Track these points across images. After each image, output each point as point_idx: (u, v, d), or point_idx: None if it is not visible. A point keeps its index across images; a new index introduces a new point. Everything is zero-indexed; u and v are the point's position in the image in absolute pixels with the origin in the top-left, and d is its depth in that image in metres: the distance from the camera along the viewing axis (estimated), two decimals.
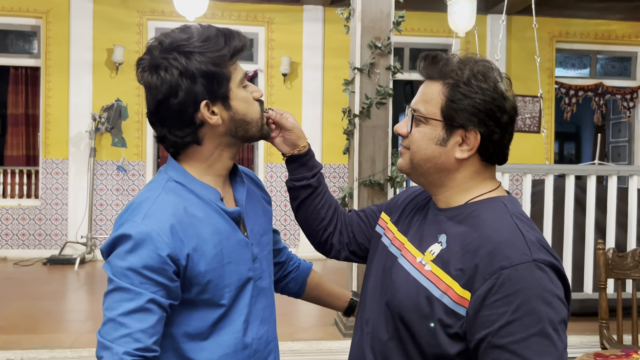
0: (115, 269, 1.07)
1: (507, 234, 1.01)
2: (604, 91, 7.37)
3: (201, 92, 1.13)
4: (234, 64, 1.18)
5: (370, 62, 3.44)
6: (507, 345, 0.94)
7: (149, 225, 1.07)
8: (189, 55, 1.12)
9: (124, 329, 1.04)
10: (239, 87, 1.18)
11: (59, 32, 6.38)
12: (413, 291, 1.06)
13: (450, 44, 5.85)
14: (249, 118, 1.20)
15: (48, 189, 6.43)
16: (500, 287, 0.95)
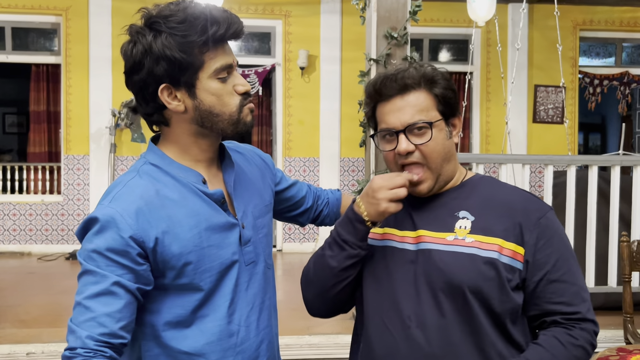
0: (83, 252, 1.07)
1: (522, 194, 1.26)
2: (629, 80, 7.19)
3: (162, 74, 1.10)
4: (212, 52, 1.11)
5: (387, 53, 3.38)
6: (561, 277, 1.18)
7: (114, 207, 1.07)
8: (157, 35, 1.08)
9: (89, 313, 1.03)
10: (211, 77, 1.12)
11: (78, 29, 6.44)
12: (468, 264, 1.15)
13: (470, 34, 5.75)
14: (218, 111, 1.14)
15: (70, 185, 6.51)
16: (542, 233, 1.18)
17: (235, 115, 1.15)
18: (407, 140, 1.18)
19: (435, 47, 7.17)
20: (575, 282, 1.19)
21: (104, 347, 1.02)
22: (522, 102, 6.84)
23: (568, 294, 1.18)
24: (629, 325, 2.64)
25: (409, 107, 1.18)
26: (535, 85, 6.88)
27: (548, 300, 1.17)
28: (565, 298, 1.17)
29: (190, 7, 1.11)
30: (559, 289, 1.17)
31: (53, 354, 3.15)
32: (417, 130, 1.18)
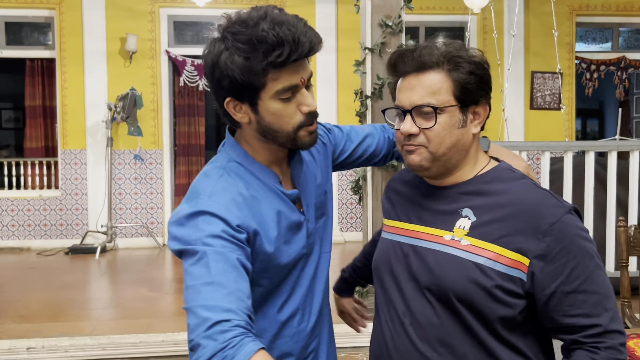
0: (195, 240, 1.03)
1: (536, 194, 1.11)
2: (626, 65, 7.16)
3: (226, 89, 1.10)
4: (274, 74, 1.07)
5: (382, 42, 3.37)
6: (578, 287, 1.05)
7: (217, 201, 1.08)
8: (224, 50, 1.07)
9: (224, 289, 0.97)
10: (273, 98, 1.09)
11: (72, 23, 6.40)
12: (459, 267, 1.08)
13: (466, 21, 5.72)
14: (277, 128, 1.12)
15: (67, 180, 6.50)
16: (556, 241, 1.04)
17: (292, 134, 1.13)
18: (412, 121, 1.11)
19: (431, 35, 7.13)
20: (597, 291, 1.05)
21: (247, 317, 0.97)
22: (519, 89, 6.82)
23: (587, 305, 1.05)
24: (627, 310, 2.65)
25: (420, 87, 1.10)
26: (532, 71, 6.85)
27: (564, 314, 1.06)
28: (583, 310, 1.05)
29: (261, 24, 1.05)
30: (576, 301, 1.05)
31: (53, 348, 3.16)
32: (424, 115, 1.10)
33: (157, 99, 6.54)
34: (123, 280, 5.12)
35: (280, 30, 1.04)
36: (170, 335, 3.25)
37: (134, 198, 6.58)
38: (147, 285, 4.69)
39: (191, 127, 6.81)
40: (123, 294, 4.53)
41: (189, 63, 6.49)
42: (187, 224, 1.06)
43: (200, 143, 6.88)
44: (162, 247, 6.47)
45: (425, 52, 1.11)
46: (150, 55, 6.50)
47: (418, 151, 1.12)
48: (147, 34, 6.47)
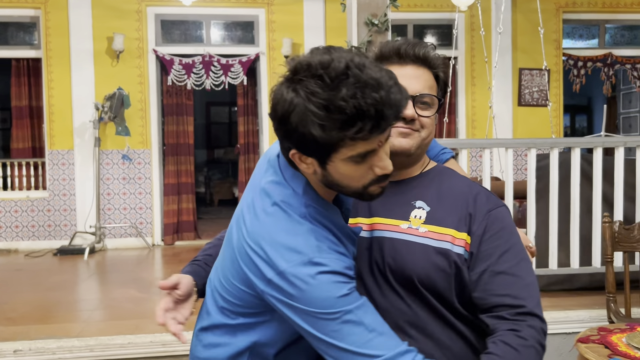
0: (330, 305, 1.01)
1: (477, 187, 1.25)
2: (613, 61, 7.21)
3: (294, 141, 1.01)
4: (367, 139, 0.98)
5: (368, 40, 3.36)
6: (507, 269, 1.15)
7: (328, 257, 1.04)
8: (295, 106, 0.96)
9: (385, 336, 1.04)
10: (346, 162, 1.01)
11: (58, 22, 6.35)
12: (420, 254, 1.15)
13: (454, 18, 5.73)
14: (345, 184, 1.06)
15: (55, 180, 6.46)
16: (491, 225, 1.17)
17: (360, 190, 1.07)
18: (413, 108, 1.21)
19: (420, 33, 7.15)
20: (524, 277, 1.15)
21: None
22: (507, 86, 6.85)
23: (515, 287, 1.13)
24: (612, 305, 2.67)
25: (422, 79, 1.22)
26: (519, 68, 6.89)
27: (493, 293, 1.13)
28: (511, 291, 1.13)
29: (340, 88, 0.93)
30: (505, 282, 1.14)
31: (40, 350, 3.13)
32: (422, 104, 1.22)
33: (144, 99, 6.51)
34: (112, 281, 5.10)
35: (362, 99, 0.93)
36: (158, 336, 3.23)
37: (122, 198, 6.54)
38: (135, 285, 4.67)
39: (179, 127, 6.78)
40: (112, 295, 4.51)
41: (176, 62, 6.47)
42: (309, 288, 1.01)
43: (189, 142, 6.85)
44: (152, 248, 6.44)
45: (427, 50, 1.23)
46: (137, 54, 6.46)
47: (412, 135, 1.21)
48: (134, 33, 6.44)
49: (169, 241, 6.63)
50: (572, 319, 3.21)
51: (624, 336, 1.99)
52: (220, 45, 6.78)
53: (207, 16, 6.72)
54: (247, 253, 1.08)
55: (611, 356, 1.83)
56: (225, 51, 6.69)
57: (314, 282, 1.01)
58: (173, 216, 6.70)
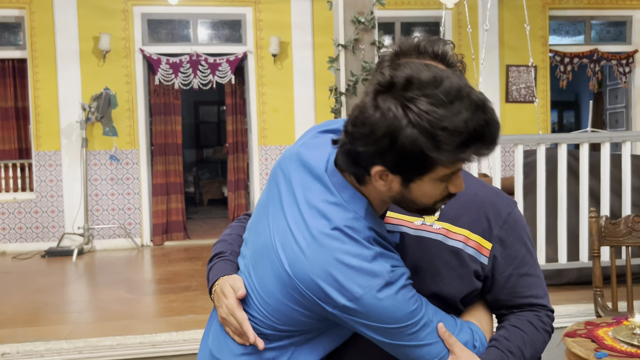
0: (406, 316, 1.04)
1: (491, 189, 1.26)
2: (599, 57, 7.27)
3: (388, 160, 0.97)
4: (455, 163, 0.97)
5: (355, 38, 3.37)
6: (528, 271, 1.21)
7: (396, 270, 1.05)
8: (405, 125, 0.92)
9: (446, 319, 1.10)
10: (434, 181, 1.00)
11: (43, 22, 6.29)
12: (433, 250, 1.16)
13: (441, 16, 5.75)
14: (419, 202, 1.05)
15: (42, 182, 6.41)
16: (511, 229, 1.19)
17: (429, 206, 1.06)
18: None
19: (407, 30, 7.16)
20: (540, 276, 1.24)
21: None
22: (495, 83, 6.89)
23: (535, 286, 1.22)
24: (599, 299, 2.70)
25: None
26: (506, 65, 6.92)
27: (519, 294, 1.21)
28: (534, 291, 1.22)
29: (458, 106, 0.92)
30: (528, 282, 1.21)
31: (28, 353, 3.11)
32: None
33: (132, 98, 6.47)
34: (100, 282, 5.07)
35: (477, 120, 0.92)
36: (148, 337, 3.22)
37: (110, 199, 6.50)
38: (124, 286, 4.65)
39: (167, 126, 6.74)
40: (100, 296, 4.48)
41: (163, 61, 6.43)
42: (388, 309, 1.02)
43: (177, 142, 6.82)
44: (141, 248, 6.41)
45: (446, 48, 1.22)
46: (124, 54, 6.42)
47: None
48: (120, 32, 6.39)
49: (158, 241, 6.60)
50: (560, 313, 3.23)
51: (610, 330, 2.01)
52: (207, 44, 6.75)
53: (194, 15, 6.69)
54: (313, 281, 1.03)
55: (597, 350, 1.84)
56: (212, 50, 6.66)
57: (391, 303, 1.02)
58: (162, 216, 6.67)
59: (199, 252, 6.13)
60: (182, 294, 4.29)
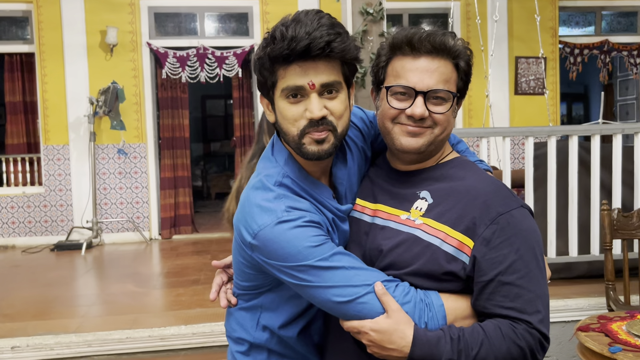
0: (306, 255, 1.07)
1: (492, 186, 1.15)
2: (609, 48, 7.19)
3: (258, 86, 1.18)
4: (282, 71, 1.11)
5: (363, 30, 3.34)
6: (515, 281, 1.06)
7: (296, 210, 1.11)
8: (257, 50, 1.16)
9: (368, 270, 1.10)
10: (282, 97, 1.12)
11: (50, 16, 6.29)
12: (407, 245, 1.12)
13: (449, 7, 5.70)
14: (285, 129, 1.15)
15: (51, 176, 6.43)
16: (502, 230, 1.08)
17: (297, 139, 1.13)
18: (424, 105, 1.13)
19: (415, 22, 7.11)
20: (533, 289, 1.07)
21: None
22: (504, 75, 6.82)
23: (521, 300, 1.06)
24: (611, 293, 2.67)
25: (437, 72, 1.13)
26: (516, 56, 6.85)
27: (497, 304, 1.07)
28: (517, 304, 1.06)
29: (283, 21, 1.11)
30: (511, 293, 1.06)
31: (38, 346, 3.12)
32: (434, 99, 1.14)
33: (139, 92, 6.46)
34: (109, 276, 5.08)
35: (289, 27, 1.07)
36: (156, 331, 3.22)
37: (119, 193, 6.51)
38: (133, 280, 4.66)
39: (175, 120, 6.74)
40: (109, 290, 4.49)
41: (171, 55, 6.42)
42: (282, 245, 1.08)
43: (185, 136, 6.82)
44: (149, 242, 6.42)
45: (444, 39, 1.13)
46: (131, 47, 6.41)
47: (423, 134, 1.15)
48: (127, 26, 6.38)
49: (166, 235, 6.61)
50: (571, 307, 3.21)
51: (624, 324, 1.98)
52: (214, 38, 6.73)
53: (201, 8, 6.66)
54: (236, 225, 1.17)
55: (611, 344, 1.82)
56: (219, 43, 6.64)
57: (284, 239, 1.08)
58: (170, 210, 6.68)
59: (207, 246, 6.14)
60: (190, 287, 4.29)
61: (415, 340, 1.03)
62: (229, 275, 1.38)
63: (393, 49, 1.17)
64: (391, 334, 1.03)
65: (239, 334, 1.28)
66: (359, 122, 1.31)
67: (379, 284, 1.05)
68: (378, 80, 1.21)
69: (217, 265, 1.38)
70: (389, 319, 1.03)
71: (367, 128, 1.32)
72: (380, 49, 1.22)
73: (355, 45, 1.13)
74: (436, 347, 1.03)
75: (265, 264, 1.11)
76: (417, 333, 1.03)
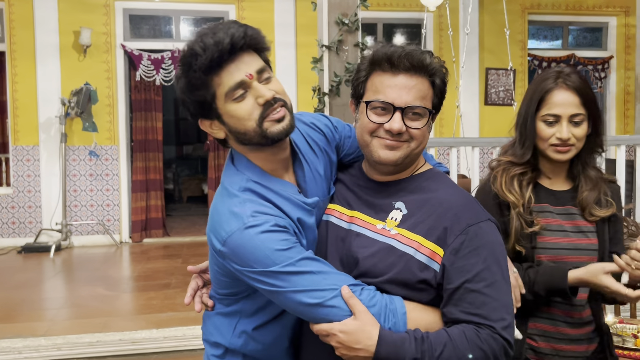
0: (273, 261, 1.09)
1: (463, 199, 1.21)
2: (576, 62, 7.42)
3: (193, 112, 1.19)
4: (216, 78, 1.13)
5: (338, 39, 3.40)
6: (481, 289, 1.11)
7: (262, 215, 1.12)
8: (177, 80, 1.17)
9: (324, 274, 1.11)
10: (226, 101, 1.14)
11: (22, 15, 6.21)
12: (382, 255, 1.16)
13: (423, 18, 5.81)
14: (243, 129, 1.16)
15: (20, 177, 6.33)
16: (470, 241, 1.13)
17: (257, 129, 1.15)
18: (402, 120, 1.18)
19: (389, 32, 7.23)
20: (498, 298, 1.12)
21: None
22: (474, 85, 6.98)
23: (487, 307, 1.11)
24: None
25: (415, 89, 1.17)
26: (486, 68, 7.02)
27: (463, 310, 1.11)
28: (482, 311, 1.10)
29: (191, 40, 1.13)
30: (477, 300, 1.11)
31: (6, 350, 3.08)
32: (412, 115, 1.18)
33: (112, 94, 6.42)
34: (79, 279, 5.03)
35: (205, 38, 1.11)
36: (127, 334, 3.22)
37: (89, 195, 6.45)
38: (103, 283, 4.62)
39: (148, 123, 6.71)
40: (78, 293, 4.45)
41: (145, 57, 6.39)
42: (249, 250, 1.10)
43: (158, 138, 6.79)
44: (119, 245, 6.37)
45: (422, 58, 1.18)
46: (105, 49, 6.37)
47: (400, 147, 1.20)
48: (101, 27, 6.34)
49: (137, 238, 6.56)
50: None
51: None
52: None
53: (177, 11, 6.66)
54: (208, 234, 1.20)
55: None
56: None
57: (252, 244, 1.10)
58: (141, 213, 6.64)
59: (178, 250, 6.12)
60: (161, 291, 4.29)
61: (380, 340, 1.07)
62: (205, 280, 1.39)
63: (373, 64, 1.21)
64: (358, 334, 1.07)
65: (216, 338, 1.29)
66: (324, 128, 1.35)
67: (345, 288, 1.08)
68: (357, 94, 1.26)
69: (192, 270, 1.39)
70: (356, 320, 1.07)
71: (332, 133, 1.36)
72: (361, 64, 1.26)
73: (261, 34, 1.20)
74: (401, 347, 1.07)
75: (236, 271, 1.13)
76: (382, 333, 1.08)
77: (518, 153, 1.59)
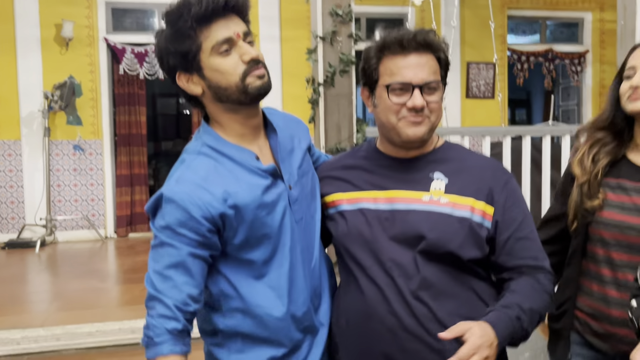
0: (158, 226, 1.16)
1: (491, 160, 1.37)
2: (553, 56, 7.59)
3: (173, 65, 1.20)
4: (204, 32, 1.17)
5: (332, 30, 3.45)
6: (527, 234, 1.30)
7: (182, 188, 1.15)
8: (160, 33, 1.20)
9: (170, 281, 1.13)
10: (212, 55, 1.18)
11: (2, 7, 6.09)
12: (443, 223, 1.24)
13: (406, 12, 5.89)
14: (225, 84, 1.19)
15: (1, 172, 6.22)
16: (510, 195, 1.30)
17: (240, 85, 1.19)
18: (422, 96, 1.25)
19: (372, 26, 7.30)
20: (536, 239, 1.33)
21: (184, 312, 1.14)
22: (456, 79, 7.10)
23: (534, 249, 1.30)
24: None
25: (427, 66, 1.26)
26: (467, 62, 7.15)
27: (517, 256, 1.28)
28: (532, 253, 1.30)
29: None
30: (526, 246, 1.29)
31: (4, 341, 3.07)
32: (428, 90, 1.26)
33: (95, 88, 6.36)
34: (68, 273, 4.98)
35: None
36: (127, 323, 3.23)
37: (73, 190, 6.38)
38: (95, 277, 4.60)
39: (132, 117, 6.66)
40: (71, 286, 4.42)
41: (128, 51, 6.34)
42: (155, 206, 1.18)
43: (142, 133, 6.75)
44: (105, 240, 6.32)
45: (426, 37, 1.27)
46: (88, 42, 6.30)
47: (423, 123, 1.27)
48: (84, 20, 6.27)
49: (122, 233, 6.52)
50: None
51: None
52: None
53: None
54: None
55: None
56: None
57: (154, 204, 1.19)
58: (126, 208, 6.59)
59: None
60: None
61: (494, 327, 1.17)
62: None
63: (382, 49, 1.29)
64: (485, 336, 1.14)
65: (210, 325, 1.27)
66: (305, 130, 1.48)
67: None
68: (371, 81, 1.32)
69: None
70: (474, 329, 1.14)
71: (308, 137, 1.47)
72: (368, 52, 1.33)
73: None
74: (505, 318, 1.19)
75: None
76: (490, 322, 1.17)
77: (603, 115, 1.51)
